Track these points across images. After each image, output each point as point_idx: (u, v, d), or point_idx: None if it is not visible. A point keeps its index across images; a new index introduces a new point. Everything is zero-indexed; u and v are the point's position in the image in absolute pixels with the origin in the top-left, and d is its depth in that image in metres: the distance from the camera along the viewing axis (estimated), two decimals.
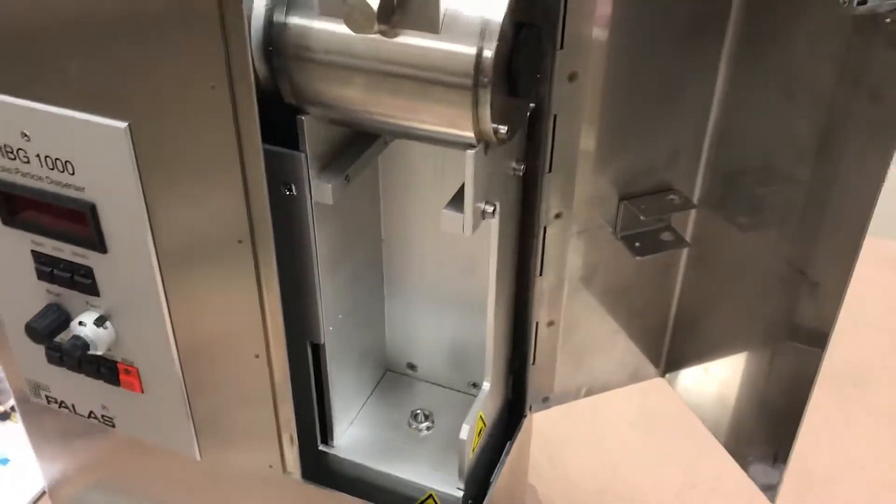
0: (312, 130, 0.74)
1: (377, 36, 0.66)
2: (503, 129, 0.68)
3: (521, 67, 0.68)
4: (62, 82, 0.73)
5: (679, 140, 0.86)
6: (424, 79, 0.67)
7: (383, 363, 1.03)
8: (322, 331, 0.85)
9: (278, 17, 0.70)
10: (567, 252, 0.87)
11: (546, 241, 0.85)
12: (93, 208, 0.79)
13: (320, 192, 0.76)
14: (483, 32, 0.65)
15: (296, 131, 0.74)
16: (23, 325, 0.87)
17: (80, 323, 0.86)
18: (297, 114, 0.73)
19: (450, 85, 0.66)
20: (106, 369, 0.91)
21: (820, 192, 0.77)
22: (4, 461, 1.28)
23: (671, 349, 1.01)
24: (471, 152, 0.69)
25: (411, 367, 1.03)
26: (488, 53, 0.65)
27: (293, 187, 0.76)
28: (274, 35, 0.70)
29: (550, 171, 0.81)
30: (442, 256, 0.93)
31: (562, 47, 0.75)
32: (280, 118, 0.74)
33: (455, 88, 0.66)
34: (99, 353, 0.88)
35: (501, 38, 0.65)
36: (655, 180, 0.87)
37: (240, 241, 0.75)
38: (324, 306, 0.83)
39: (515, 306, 0.91)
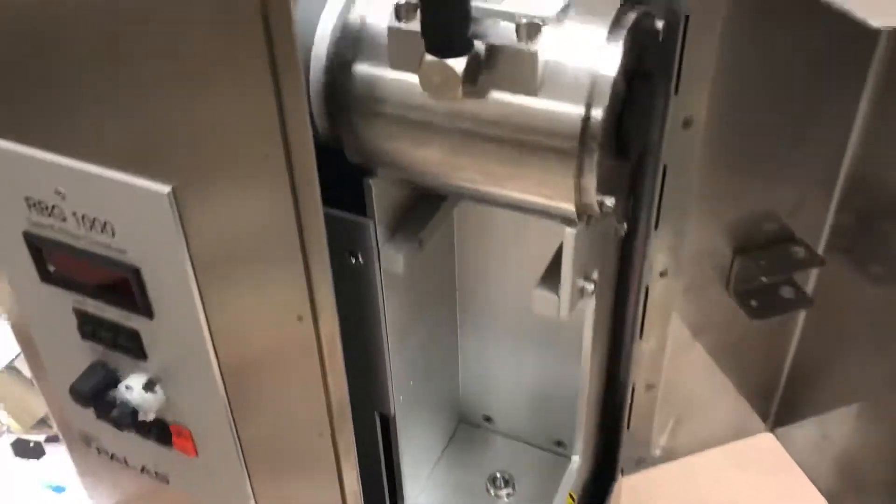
0: (381, 194, 0.64)
1: None
2: (610, 201, 0.57)
3: (633, 124, 0.57)
4: (98, 137, 0.64)
5: (806, 184, 0.74)
6: (518, 142, 0.56)
7: (457, 414, 0.94)
8: (392, 403, 0.75)
9: (343, 62, 0.59)
10: (671, 312, 0.76)
11: (648, 301, 0.74)
12: (136, 272, 0.70)
13: (390, 261, 0.66)
14: (592, 89, 0.53)
15: (362, 191, 0.64)
16: (68, 383, 0.80)
17: (128, 387, 0.78)
18: (363, 174, 0.63)
19: (549, 149, 0.55)
20: (158, 430, 0.83)
21: None
22: (59, 489, 1.23)
23: (782, 403, 0.90)
24: (571, 231, 0.58)
25: (487, 419, 0.93)
26: (597, 114, 0.53)
27: (360, 256, 0.66)
28: (338, 83, 0.59)
29: (657, 227, 0.70)
30: (522, 302, 0.82)
31: (676, 92, 0.63)
32: (344, 173, 0.64)
33: (556, 154, 0.55)
34: (149, 419, 0.80)
35: (613, 95, 0.54)
36: (775, 229, 0.75)
37: (300, 318, 0.66)
38: (394, 377, 0.74)
39: (609, 366, 0.80)
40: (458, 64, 0.51)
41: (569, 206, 0.57)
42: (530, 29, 0.52)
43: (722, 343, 0.81)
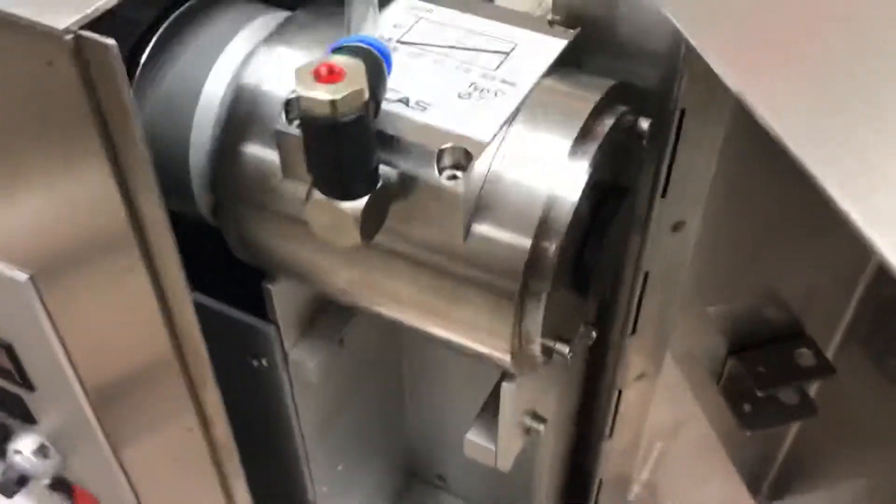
0: (286, 295, 0.51)
1: None
2: (564, 348, 0.45)
3: (598, 255, 0.44)
4: None
5: (822, 274, 0.60)
6: (440, 270, 0.43)
7: (407, 472, 0.83)
8: (312, 495, 0.65)
9: (230, 138, 0.46)
10: (648, 411, 0.64)
11: (621, 403, 0.62)
12: (9, 348, 0.59)
13: (300, 369, 0.54)
14: (545, 216, 0.40)
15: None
16: None
17: (17, 451, 0.69)
18: (261, 275, 0.51)
19: (482, 286, 0.42)
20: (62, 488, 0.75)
21: None
22: None
23: (775, 480, 0.78)
24: (508, 386, 0.46)
25: (441, 478, 0.82)
26: (549, 247, 0.40)
27: (263, 361, 0.54)
28: (223, 164, 0.46)
29: (634, 332, 0.57)
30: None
31: (664, 195, 0.49)
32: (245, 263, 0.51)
33: (490, 293, 0.42)
34: (45, 482, 0.71)
35: (573, 223, 0.41)
36: (780, 325, 0.62)
37: (189, 430, 0.55)
38: (318, 466, 0.63)
39: (572, 459, 0.69)
40: (355, 207, 0.37)
41: (504, 357, 0.44)
42: (456, 159, 0.39)
43: (705, 439, 0.69)
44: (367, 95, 0.35)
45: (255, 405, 0.58)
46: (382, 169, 0.39)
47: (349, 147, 0.36)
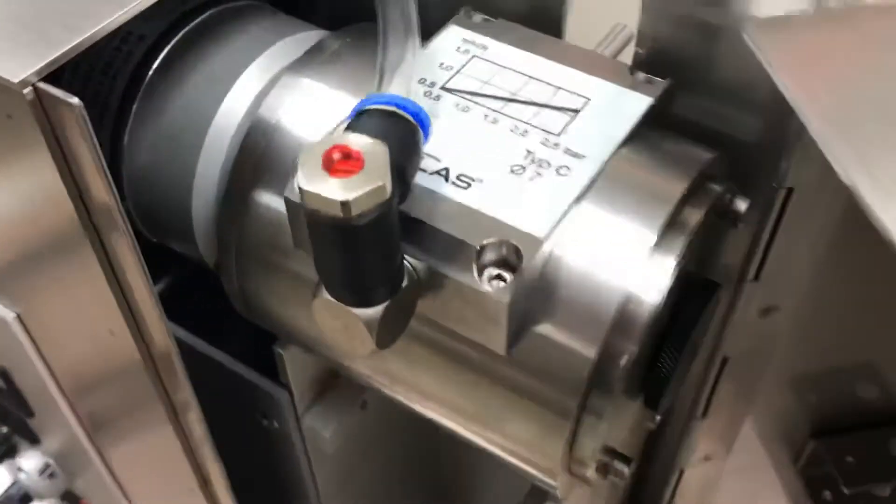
0: (299, 359, 0.44)
1: None
2: (624, 468, 0.37)
3: (674, 364, 0.36)
4: None
5: None
6: (479, 369, 0.35)
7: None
8: None
9: (241, 181, 0.39)
10: (713, 495, 0.56)
11: (681, 484, 0.54)
12: (4, 373, 0.54)
13: (315, 436, 0.47)
14: (616, 323, 0.32)
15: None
16: None
17: (20, 469, 0.65)
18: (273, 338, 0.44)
19: (530, 396, 0.34)
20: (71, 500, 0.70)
21: None
22: None
23: None
24: None
25: None
26: (619, 357, 0.33)
27: (274, 422, 0.48)
28: (230, 210, 0.39)
29: (705, 415, 0.49)
30: None
31: (757, 278, 0.41)
32: None
33: (541, 406, 0.34)
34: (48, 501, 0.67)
35: (649, 329, 0.33)
36: (874, 410, 0.54)
37: (190, 490, 0.49)
38: None
39: None
40: (370, 316, 0.30)
41: (550, 480, 0.37)
42: (502, 256, 0.31)
43: None
44: (389, 191, 0.27)
45: (267, 464, 0.51)
46: (408, 261, 0.31)
47: (365, 252, 0.28)
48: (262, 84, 0.40)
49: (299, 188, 0.27)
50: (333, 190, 0.26)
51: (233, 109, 0.40)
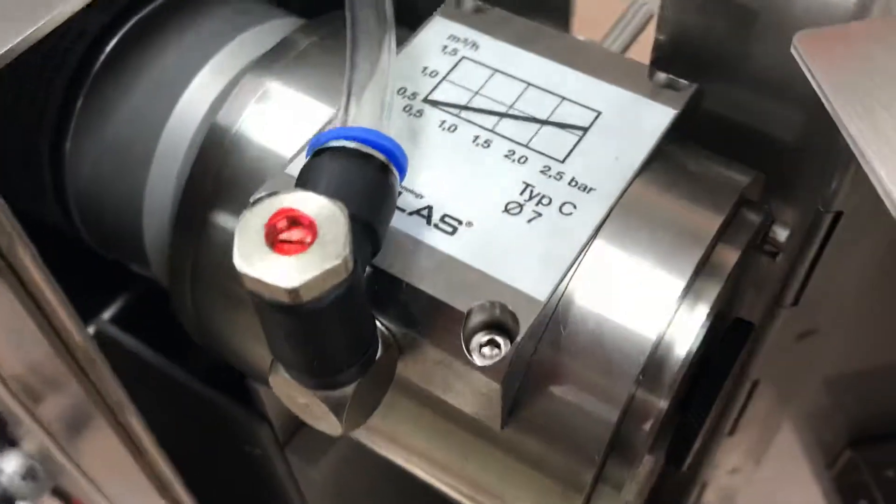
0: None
1: None
2: None
3: (706, 413, 0.31)
4: None
5: None
6: (475, 432, 0.30)
7: None
8: None
9: (196, 198, 0.34)
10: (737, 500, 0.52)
11: (704, 494, 0.50)
12: None
13: (302, 466, 0.43)
14: (640, 381, 0.27)
15: None
16: None
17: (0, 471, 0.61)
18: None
19: (536, 466, 0.29)
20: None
21: None
22: None
23: None
24: None
25: None
26: (644, 420, 0.27)
27: (256, 450, 0.43)
28: (184, 230, 0.34)
29: (733, 434, 0.44)
30: None
31: (796, 303, 0.35)
32: None
33: (546, 475, 0.29)
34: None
35: (679, 384, 0.28)
36: None
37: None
38: None
39: None
40: (337, 400, 0.25)
41: None
42: (495, 321, 0.25)
43: None
44: (349, 268, 0.22)
45: (256, 489, 0.47)
46: (383, 325, 0.26)
47: (324, 337, 0.23)
48: (220, 87, 0.34)
49: (237, 269, 0.21)
50: (278, 273, 0.21)
51: (186, 117, 0.34)
